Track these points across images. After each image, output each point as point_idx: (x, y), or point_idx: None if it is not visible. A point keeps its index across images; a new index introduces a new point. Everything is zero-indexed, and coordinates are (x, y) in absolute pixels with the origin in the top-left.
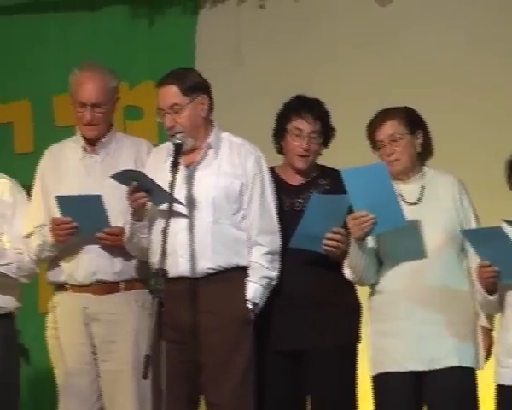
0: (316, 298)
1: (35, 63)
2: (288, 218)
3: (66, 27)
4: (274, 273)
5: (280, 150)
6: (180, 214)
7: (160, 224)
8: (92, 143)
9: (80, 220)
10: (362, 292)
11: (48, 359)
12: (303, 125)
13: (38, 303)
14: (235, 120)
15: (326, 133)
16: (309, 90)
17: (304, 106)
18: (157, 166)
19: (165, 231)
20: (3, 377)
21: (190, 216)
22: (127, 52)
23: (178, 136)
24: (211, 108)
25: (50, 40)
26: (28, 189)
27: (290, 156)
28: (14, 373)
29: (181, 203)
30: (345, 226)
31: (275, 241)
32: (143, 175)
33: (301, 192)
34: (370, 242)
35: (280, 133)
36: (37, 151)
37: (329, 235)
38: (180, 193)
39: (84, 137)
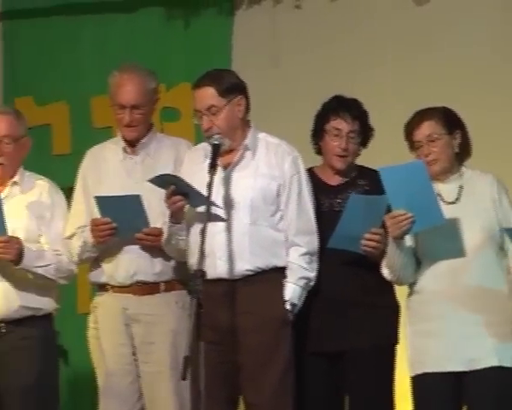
0: (354, 299)
1: (72, 65)
2: (327, 218)
3: (103, 29)
4: (312, 274)
5: (319, 151)
6: (218, 216)
7: (197, 226)
8: (132, 144)
9: (120, 221)
10: (400, 293)
11: (87, 360)
12: (341, 125)
13: (77, 304)
14: (272, 122)
15: (365, 133)
16: (346, 89)
17: (342, 106)
18: (193, 167)
19: (203, 233)
20: (43, 378)
21: (228, 218)
22: (163, 53)
23: (216, 136)
24: (248, 109)
25: (87, 42)
26: (66, 190)
27: (329, 157)
28: (54, 374)
29: (218, 206)
30: (383, 226)
31: (313, 241)
32: (180, 179)
33: (340, 192)
34: (408, 241)
35: (318, 134)
36: (74, 153)
37: (368, 236)
38: (217, 195)
39: (125, 139)
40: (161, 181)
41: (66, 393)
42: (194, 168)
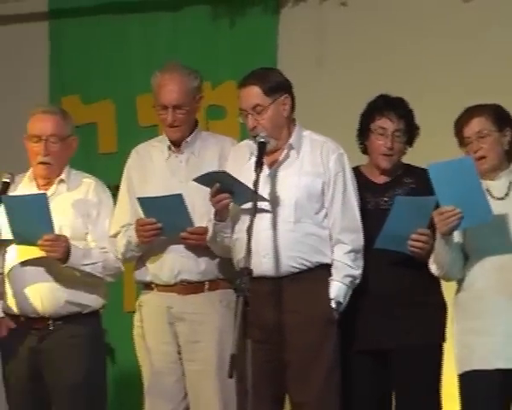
0: (401, 297)
1: (118, 64)
2: (373, 216)
3: (149, 28)
4: (357, 272)
5: (364, 150)
6: (262, 214)
7: (243, 223)
8: (177, 143)
9: (164, 221)
10: (447, 291)
11: (133, 358)
12: (387, 124)
13: (123, 303)
14: (317, 121)
15: (410, 132)
16: (392, 88)
17: (387, 105)
18: (238, 164)
19: (249, 230)
20: (91, 376)
21: (273, 216)
22: (209, 52)
23: (262, 134)
24: (293, 108)
25: (133, 40)
26: (112, 188)
27: (375, 156)
28: (102, 372)
29: (265, 199)
30: (430, 226)
31: (358, 239)
32: (226, 175)
33: (386, 191)
34: (456, 237)
35: (364, 133)
36: (120, 151)
37: (415, 236)
38: (263, 193)
39: (169, 138)
40: (207, 179)
41: (112, 391)
42: (238, 166)
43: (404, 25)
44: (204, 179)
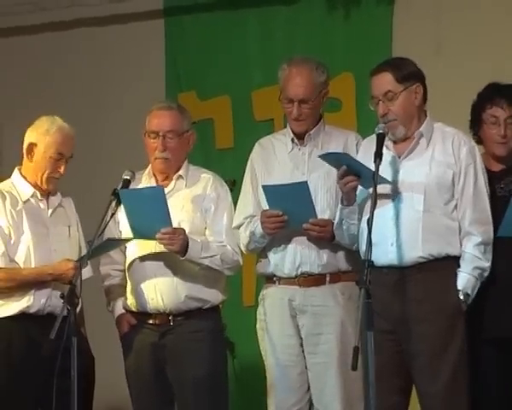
0: None
1: (234, 59)
2: (491, 204)
3: (265, 22)
4: (487, 264)
5: (478, 140)
6: (390, 203)
7: (369, 212)
8: (301, 136)
9: (288, 211)
10: None
11: (253, 352)
12: (498, 113)
13: (242, 297)
14: (435, 111)
15: None
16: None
17: (497, 93)
18: (368, 156)
19: (369, 222)
20: (213, 370)
21: (401, 205)
22: (324, 44)
23: (381, 126)
24: (425, 98)
25: (249, 36)
26: (228, 183)
27: (489, 145)
28: (223, 367)
29: (389, 182)
30: None
31: (488, 231)
32: (351, 158)
33: (502, 178)
34: None
35: (477, 123)
36: (237, 146)
37: None
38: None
39: (293, 130)
40: (333, 159)
41: (233, 385)
42: (369, 158)
43: None
44: (329, 158)
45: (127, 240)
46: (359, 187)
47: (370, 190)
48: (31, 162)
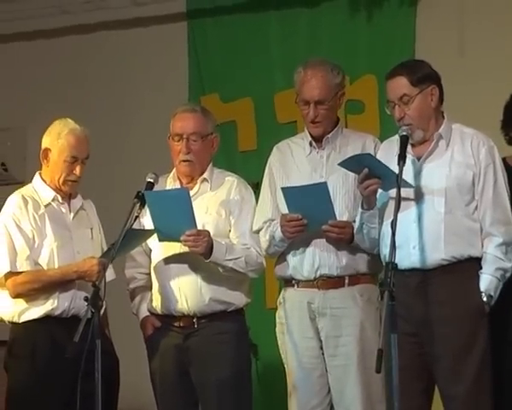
0: None
1: (257, 62)
2: None
3: (287, 25)
4: (509, 265)
5: (510, 140)
6: (412, 206)
7: (390, 215)
8: (318, 139)
9: (307, 213)
10: None
11: (276, 354)
12: None
13: (266, 299)
14: (457, 112)
15: None
16: None
17: None
18: (388, 158)
19: (393, 224)
20: (237, 372)
21: (422, 207)
22: (347, 46)
23: (404, 128)
24: (441, 100)
25: (271, 38)
26: (252, 186)
27: None
28: (247, 369)
29: (411, 186)
30: None
31: (509, 231)
32: (372, 157)
33: None
34: None
35: (509, 124)
36: (260, 149)
37: None
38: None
39: (311, 134)
40: (352, 164)
41: (256, 387)
42: (388, 160)
43: None
44: (349, 164)
45: (149, 231)
46: (379, 191)
47: (390, 193)
48: (47, 167)
